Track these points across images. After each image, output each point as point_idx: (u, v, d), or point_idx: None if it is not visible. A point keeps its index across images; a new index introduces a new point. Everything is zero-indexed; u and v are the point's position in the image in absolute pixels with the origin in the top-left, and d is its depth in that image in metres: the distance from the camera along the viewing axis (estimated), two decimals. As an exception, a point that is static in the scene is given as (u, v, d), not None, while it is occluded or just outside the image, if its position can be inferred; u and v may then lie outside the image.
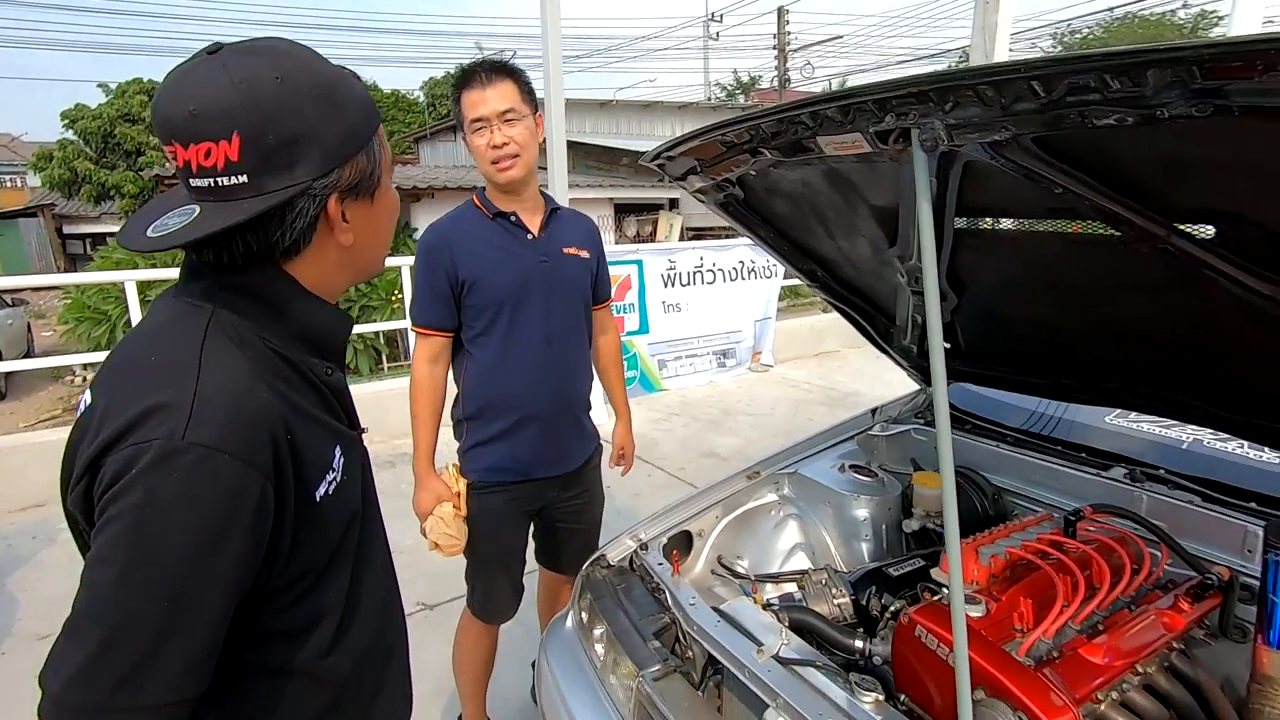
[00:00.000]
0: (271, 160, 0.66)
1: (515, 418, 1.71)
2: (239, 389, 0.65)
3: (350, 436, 0.80)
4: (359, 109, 0.73)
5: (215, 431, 0.61)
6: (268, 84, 0.65)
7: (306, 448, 0.70)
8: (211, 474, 0.60)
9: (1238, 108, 0.66)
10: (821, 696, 1.13)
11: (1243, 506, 1.42)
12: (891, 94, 0.89)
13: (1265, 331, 1.06)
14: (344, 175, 0.71)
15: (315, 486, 0.71)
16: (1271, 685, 1.12)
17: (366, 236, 0.78)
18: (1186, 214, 0.95)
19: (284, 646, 0.73)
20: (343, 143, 0.71)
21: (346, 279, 0.81)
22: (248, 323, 0.71)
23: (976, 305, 1.59)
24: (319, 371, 0.77)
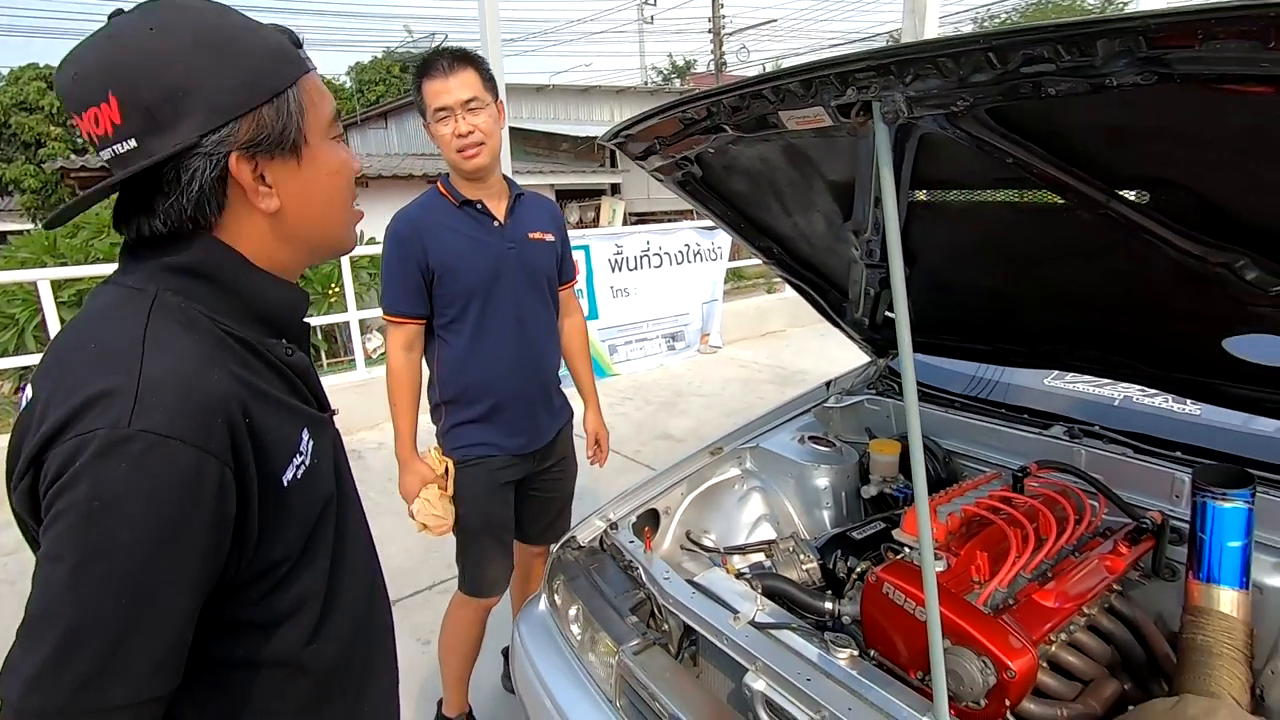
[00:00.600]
0: (155, 118, 0.61)
1: (492, 401, 1.75)
2: (188, 371, 0.61)
3: (319, 419, 0.77)
4: (262, 57, 0.67)
5: (164, 417, 0.58)
6: (139, 34, 0.61)
7: (269, 431, 0.66)
8: (163, 462, 0.57)
9: (1179, 75, 0.70)
10: (798, 656, 1.17)
11: (1170, 456, 1.53)
12: (853, 67, 0.92)
13: (1191, 290, 1.14)
14: (242, 130, 0.65)
15: (282, 471, 0.68)
16: (1202, 615, 1.22)
17: (302, 202, 0.72)
18: (1124, 180, 1.02)
19: (263, 637, 0.70)
20: (235, 92, 0.64)
21: (295, 253, 0.75)
22: (196, 305, 0.67)
23: (925, 277, 1.66)
24: (279, 352, 0.73)
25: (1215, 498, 1.23)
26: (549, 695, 1.40)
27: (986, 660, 1.12)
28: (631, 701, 1.30)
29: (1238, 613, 1.20)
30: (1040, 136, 0.98)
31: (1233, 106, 0.79)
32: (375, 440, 4.61)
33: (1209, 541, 1.24)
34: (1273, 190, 0.91)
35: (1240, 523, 1.22)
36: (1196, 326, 1.24)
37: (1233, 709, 0.97)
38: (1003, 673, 1.11)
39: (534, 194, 1.90)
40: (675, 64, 31.88)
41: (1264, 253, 0.97)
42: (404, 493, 1.75)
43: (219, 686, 0.69)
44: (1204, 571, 1.24)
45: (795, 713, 1.09)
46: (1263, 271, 0.99)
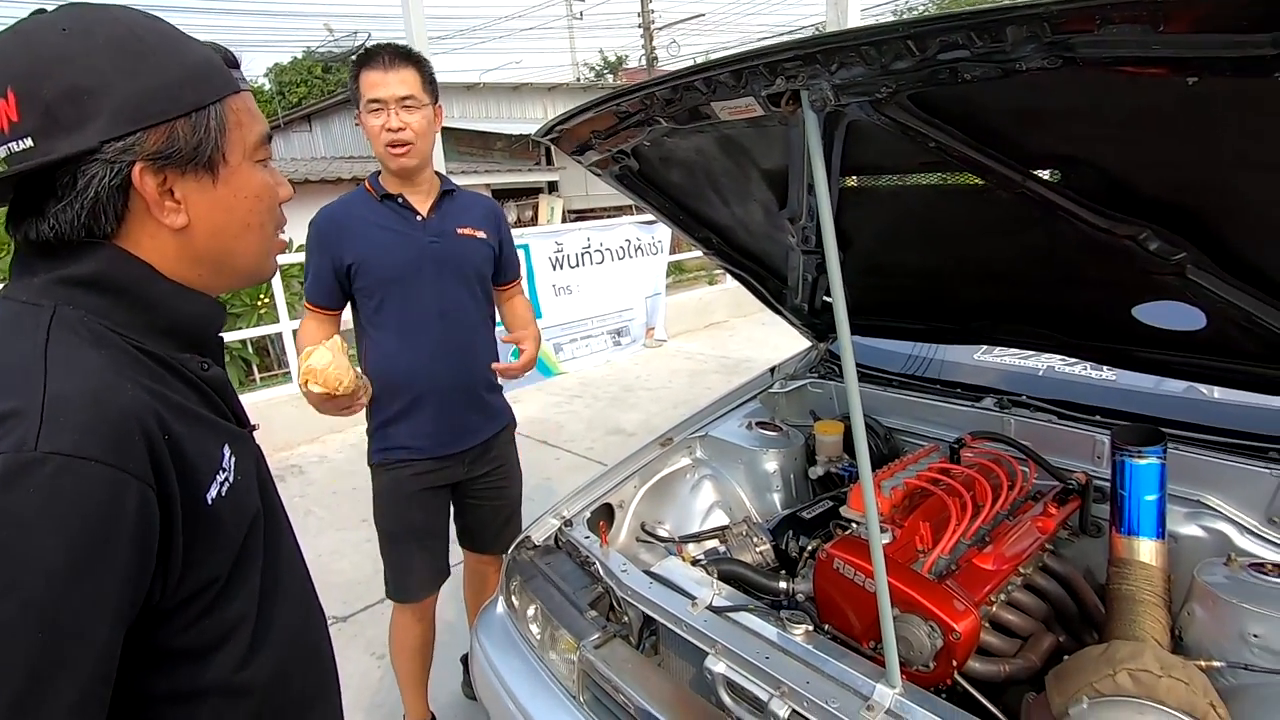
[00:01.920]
0: (54, 118, 0.58)
1: (412, 395, 1.72)
2: (98, 387, 0.57)
3: (239, 434, 0.74)
4: (182, 69, 0.64)
5: (74, 436, 0.54)
6: (49, 32, 0.59)
7: (189, 447, 0.63)
8: (77, 484, 0.53)
9: (1080, 59, 0.75)
10: (756, 636, 1.20)
11: (1090, 420, 1.62)
12: (781, 57, 0.94)
13: (1102, 263, 1.22)
14: (150, 140, 0.62)
15: (205, 489, 0.64)
16: (1125, 566, 1.30)
17: (214, 223, 0.69)
18: (1038, 160, 1.08)
19: (194, 667, 0.66)
20: (146, 101, 0.61)
21: (205, 276, 0.71)
22: (100, 320, 0.63)
23: (860, 260, 1.71)
24: (193, 367, 0.70)
25: (1132, 455, 1.32)
26: (511, 697, 1.39)
27: (933, 625, 1.17)
28: (595, 696, 1.30)
29: (1156, 561, 1.29)
30: (959, 120, 1.03)
31: (1131, 88, 0.84)
32: (316, 454, 4.46)
33: (1128, 497, 1.33)
34: (1169, 166, 0.98)
35: (1155, 477, 1.31)
36: (1109, 296, 1.33)
37: (1156, 650, 1.04)
38: (949, 635, 1.16)
39: (471, 193, 1.88)
40: (607, 60, 31.82)
41: (1164, 224, 1.05)
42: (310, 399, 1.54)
43: None
44: (1125, 525, 1.33)
45: (756, 691, 1.11)
46: (1163, 242, 1.06)
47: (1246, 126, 0.84)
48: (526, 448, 4.31)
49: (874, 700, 1.02)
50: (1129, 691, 0.99)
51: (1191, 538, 1.42)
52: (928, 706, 1.00)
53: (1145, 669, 0.99)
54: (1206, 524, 1.41)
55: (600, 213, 12.82)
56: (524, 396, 5.42)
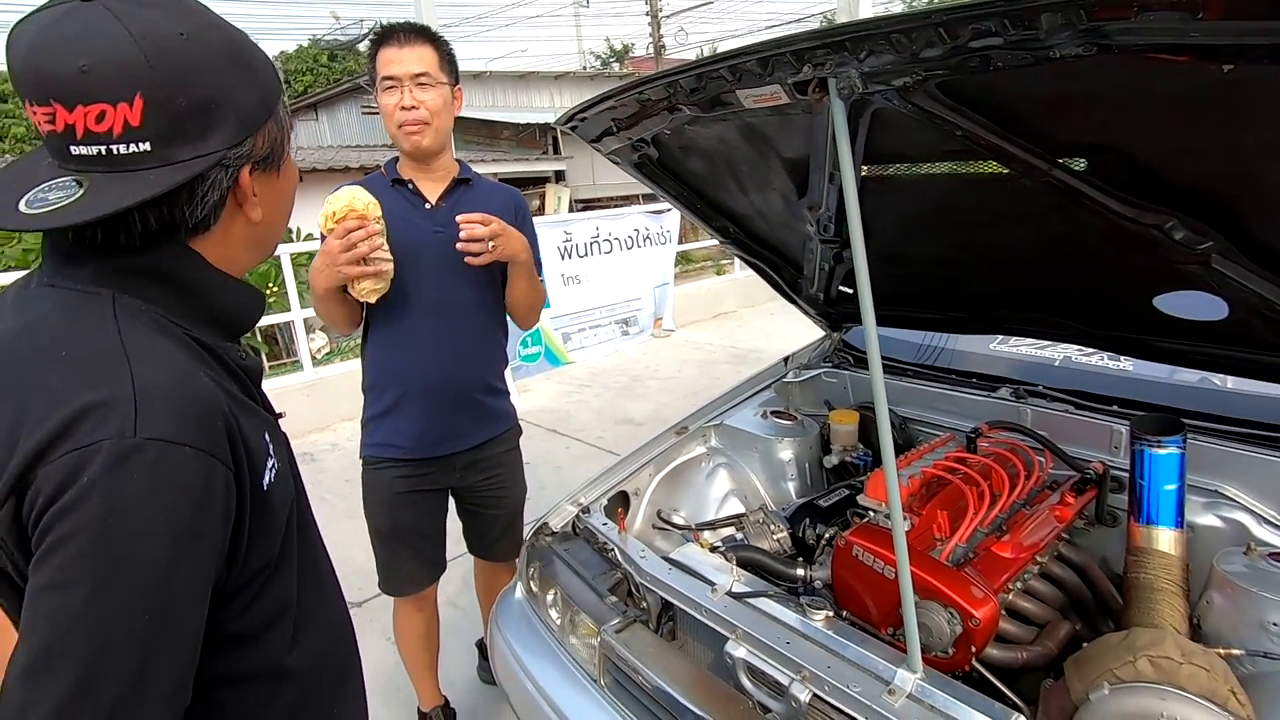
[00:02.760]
0: (181, 126, 0.60)
1: (399, 391, 1.67)
2: (182, 376, 0.59)
3: (273, 422, 0.77)
4: (268, 71, 0.68)
5: (171, 423, 0.56)
6: (174, 40, 0.59)
7: (249, 435, 0.65)
8: (177, 470, 0.55)
9: (1116, 46, 0.75)
10: (776, 622, 1.21)
11: (1107, 410, 1.62)
12: (809, 45, 0.94)
13: (1125, 252, 1.22)
14: (258, 144, 0.67)
15: (262, 475, 0.67)
16: (1144, 555, 1.31)
17: (274, 211, 0.74)
18: (1064, 148, 1.07)
19: (248, 649, 0.69)
20: (258, 108, 0.66)
21: (253, 258, 0.75)
22: (155, 308, 0.64)
23: (877, 249, 1.69)
24: (234, 356, 0.72)
25: (1151, 445, 1.32)
26: (533, 681, 1.41)
27: (953, 611, 1.18)
28: (616, 679, 1.32)
29: (1175, 550, 1.30)
30: (986, 108, 1.02)
31: (1162, 75, 0.84)
32: (328, 441, 4.49)
33: (1147, 486, 1.33)
34: (1198, 154, 0.98)
35: (1174, 467, 1.31)
36: (1130, 286, 1.32)
37: (1176, 637, 1.04)
38: (968, 622, 1.17)
39: (492, 183, 1.79)
40: (613, 48, 31.64)
41: (1190, 213, 1.05)
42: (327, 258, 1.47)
43: (206, 706, 0.66)
44: (1144, 514, 1.33)
45: (777, 675, 1.12)
46: (1189, 231, 1.06)
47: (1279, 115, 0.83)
48: (537, 436, 4.36)
49: (895, 684, 1.03)
50: (1150, 678, 1.00)
51: (1209, 527, 1.42)
52: (949, 691, 1.01)
53: (1166, 656, 1.00)
54: (1224, 514, 1.42)
55: (607, 202, 12.80)
56: (533, 385, 5.45)
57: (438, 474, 1.74)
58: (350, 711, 0.85)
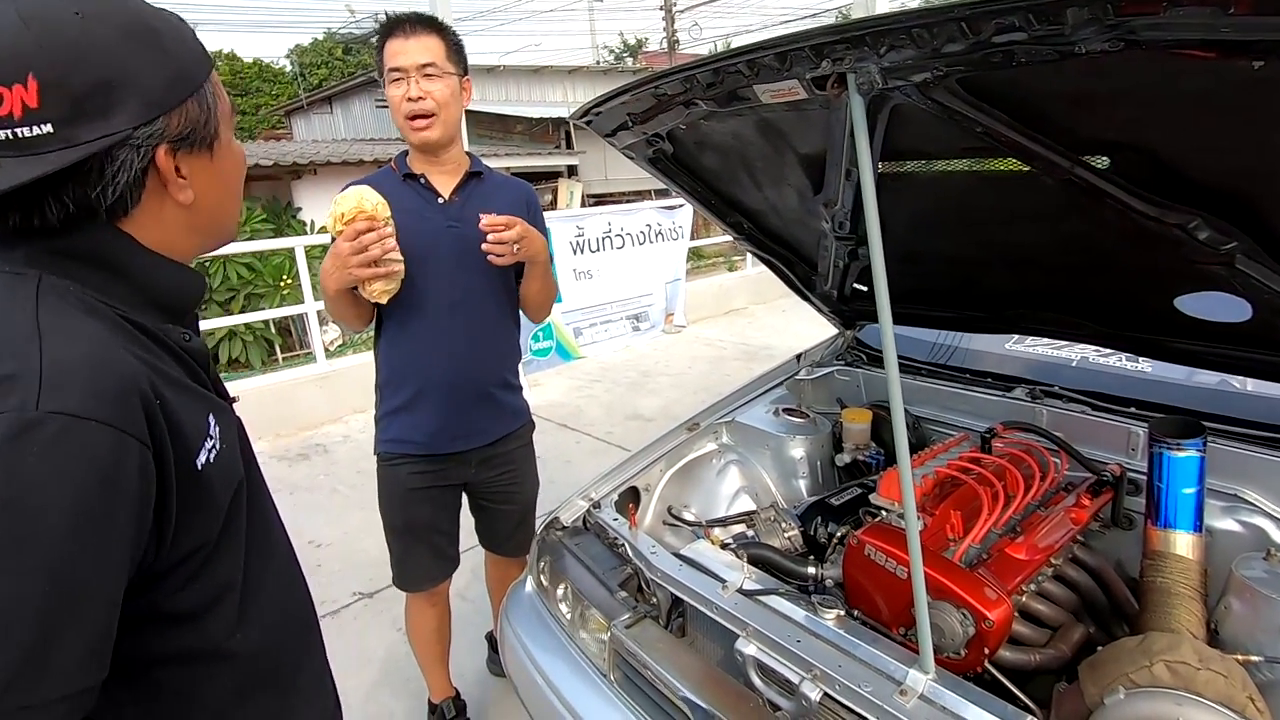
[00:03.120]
0: (82, 106, 0.59)
1: (415, 388, 1.66)
2: (97, 351, 0.59)
3: (222, 406, 0.76)
4: (188, 51, 0.68)
5: (77, 397, 0.55)
6: (67, 20, 0.59)
7: (181, 414, 0.65)
8: (80, 444, 0.54)
9: (1144, 42, 0.73)
10: (786, 620, 1.20)
11: (1124, 412, 1.60)
12: (828, 39, 0.93)
13: (1146, 251, 1.20)
14: (172, 124, 0.65)
15: (195, 455, 0.66)
16: (1160, 558, 1.29)
17: (211, 194, 0.73)
18: (1087, 146, 1.06)
19: (186, 629, 0.69)
20: (169, 87, 0.64)
21: (195, 243, 0.75)
22: (86, 289, 0.64)
23: (892, 247, 1.67)
24: (177, 338, 0.72)
25: (1170, 448, 1.30)
26: (541, 674, 1.41)
27: (966, 612, 1.18)
28: (626, 674, 1.32)
29: (1193, 555, 1.28)
30: (1008, 104, 1.01)
31: (1189, 71, 0.83)
32: (340, 433, 4.53)
33: (1165, 489, 1.31)
34: (1224, 152, 0.96)
35: (1193, 470, 1.29)
36: (1151, 286, 1.31)
37: (1194, 642, 1.03)
38: (981, 623, 1.16)
39: (504, 176, 1.79)
40: (626, 42, 31.56)
41: (1215, 212, 1.03)
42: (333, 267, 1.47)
43: (140, 684, 0.68)
44: (1161, 518, 1.32)
45: (787, 673, 1.12)
46: (1214, 231, 1.04)
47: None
48: (547, 431, 4.37)
49: (907, 685, 1.03)
50: (1166, 683, 0.98)
51: (1228, 532, 1.40)
52: (961, 692, 1.01)
53: (1183, 661, 0.99)
54: (1244, 518, 1.40)
55: (619, 197, 12.79)
56: (544, 380, 5.46)
57: (453, 470, 1.74)
58: (305, 699, 0.85)
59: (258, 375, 5.36)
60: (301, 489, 3.73)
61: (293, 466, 4.04)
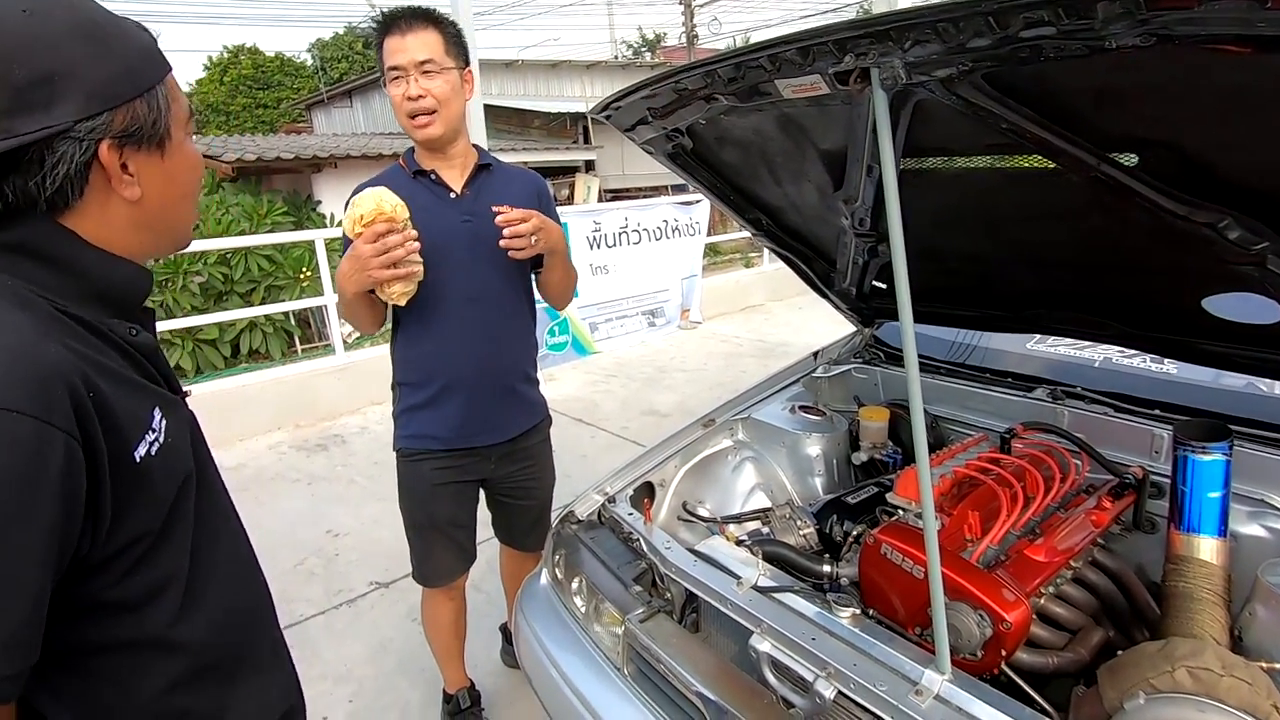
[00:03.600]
0: (22, 99, 0.61)
1: (438, 385, 1.66)
2: (22, 343, 0.59)
3: (170, 399, 0.76)
4: (136, 52, 0.69)
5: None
6: (13, 16, 0.61)
7: (117, 406, 0.65)
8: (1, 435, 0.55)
9: (1176, 37, 0.72)
10: (801, 617, 1.20)
11: (1148, 414, 1.58)
12: (852, 34, 0.92)
13: (1174, 251, 1.18)
14: (116, 120, 0.66)
15: (134, 446, 0.67)
16: (1184, 563, 1.27)
17: (160, 193, 0.73)
18: (1115, 143, 1.04)
19: (125, 618, 0.70)
20: (112, 83, 0.66)
21: (145, 242, 0.75)
22: (26, 285, 0.65)
23: (912, 244, 1.64)
24: (121, 332, 0.72)
25: (1195, 451, 1.28)
26: (555, 666, 1.42)
27: (983, 614, 1.17)
28: (639, 668, 1.32)
29: (1217, 560, 1.26)
30: (1033, 100, 1.00)
31: (1221, 67, 0.81)
32: (357, 425, 4.57)
33: (1189, 493, 1.29)
34: (1256, 150, 0.94)
35: (1219, 474, 1.27)
36: (1178, 286, 1.28)
37: (1217, 648, 1.02)
38: (999, 625, 1.15)
39: (512, 167, 1.77)
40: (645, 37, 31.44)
41: (1246, 211, 1.01)
42: (350, 270, 1.48)
43: (77, 671, 0.69)
44: (1185, 522, 1.30)
45: (801, 671, 1.12)
46: (1245, 230, 1.02)
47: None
48: (563, 425, 4.38)
49: (922, 685, 1.02)
50: (1188, 689, 0.97)
51: (1254, 537, 1.38)
52: (977, 693, 1.00)
53: (1206, 667, 0.97)
54: (1270, 524, 1.37)
55: (636, 192, 12.77)
56: (560, 375, 5.47)
57: (474, 465, 1.75)
58: (251, 689, 0.85)
59: (278, 366, 5.43)
60: (320, 479, 3.77)
61: (311, 457, 4.09)
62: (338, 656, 2.38)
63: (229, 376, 4.95)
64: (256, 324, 7.15)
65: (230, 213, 8.26)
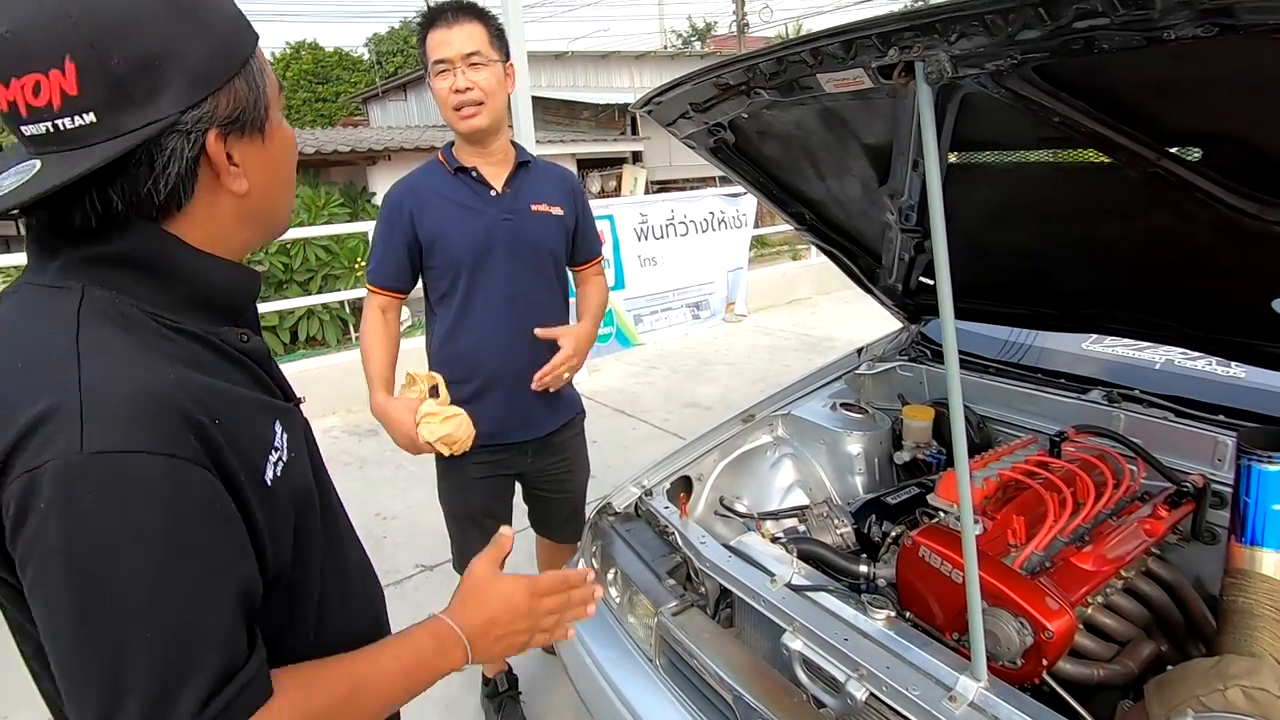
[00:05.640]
0: (124, 90, 0.53)
1: (479, 382, 1.68)
2: (135, 373, 0.54)
3: (286, 409, 0.70)
4: (229, 20, 0.60)
5: (120, 431, 0.51)
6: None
7: (239, 428, 0.60)
8: (133, 481, 0.51)
9: (1242, 27, 0.68)
10: (834, 617, 1.19)
11: (1212, 420, 1.50)
12: (896, 27, 0.90)
13: (1240, 249, 1.12)
14: (220, 105, 0.58)
15: (262, 471, 0.62)
16: (1244, 577, 1.21)
17: (266, 182, 0.65)
18: (1176, 137, 0.99)
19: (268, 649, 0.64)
20: (213, 62, 0.57)
21: (249, 237, 0.68)
22: (130, 300, 0.58)
23: (960, 240, 1.61)
24: (233, 341, 0.66)
25: (1260, 460, 1.22)
26: (590, 656, 1.45)
27: (1024, 621, 1.14)
28: (671, 660, 1.34)
29: (1280, 575, 1.20)
30: (1088, 93, 0.96)
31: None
32: (407, 411, 4.69)
33: (1253, 504, 1.23)
34: (1334, 144, 0.89)
35: (1286, 485, 1.21)
36: (1244, 286, 1.22)
37: (1275, 667, 0.97)
38: (1040, 633, 1.12)
39: (547, 164, 1.78)
40: (695, 26, 31.16)
41: (1321, 209, 0.95)
42: (398, 433, 1.60)
43: None
44: (1247, 535, 1.24)
45: (833, 671, 1.11)
46: (1319, 229, 0.96)
47: None
48: (604, 416, 4.42)
49: (957, 691, 1.01)
50: (1241, 709, 0.93)
51: (1324, 553, 1.30)
52: (1013, 703, 0.98)
53: (1262, 688, 0.93)
54: (1343, 539, 1.29)
55: (683, 184, 12.72)
56: (603, 365, 5.51)
57: (512, 459, 1.78)
58: None
59: (334, 353, 5.62)
60: (370, 463, 3.90)
61: (362, 441, 4.23)
62: (384, 636, 2.47)
63: (287, 363, 5.15)
64: (314, 312, 7.40)
65: (290, 204, 8.58)
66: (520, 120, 4.52)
